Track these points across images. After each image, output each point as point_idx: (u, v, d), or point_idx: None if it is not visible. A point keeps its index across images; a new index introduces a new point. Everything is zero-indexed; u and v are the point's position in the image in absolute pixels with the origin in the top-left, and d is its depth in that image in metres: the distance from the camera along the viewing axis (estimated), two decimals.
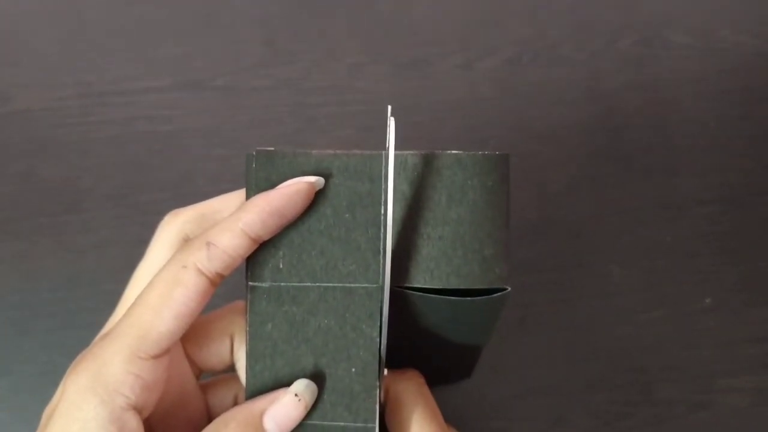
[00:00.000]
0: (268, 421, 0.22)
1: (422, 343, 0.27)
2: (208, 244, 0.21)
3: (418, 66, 0.40)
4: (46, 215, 0.35)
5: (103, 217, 0.35)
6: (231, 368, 0.27)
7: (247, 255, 0.22)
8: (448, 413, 0.33)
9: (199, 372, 0.26)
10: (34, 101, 0.38)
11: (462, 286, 0.23)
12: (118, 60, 0.39)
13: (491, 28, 0.41)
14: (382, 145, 0.34)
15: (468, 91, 0.39)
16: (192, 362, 0.25)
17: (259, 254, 0.23)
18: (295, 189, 0.22)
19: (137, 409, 0.21)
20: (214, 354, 0.25)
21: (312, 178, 0.23)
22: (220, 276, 0.22)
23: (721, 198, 0.38)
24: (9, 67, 0.38)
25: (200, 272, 0.21)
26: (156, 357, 0.21)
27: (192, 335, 0.25)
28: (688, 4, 0.42)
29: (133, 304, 0.21)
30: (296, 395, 0.22)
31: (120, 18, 0.40)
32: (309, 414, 0.23)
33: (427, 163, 0.24)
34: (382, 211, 0.23)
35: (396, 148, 0.24)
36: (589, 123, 0.39)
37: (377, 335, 0.23)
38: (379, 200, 0.24)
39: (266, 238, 0.22)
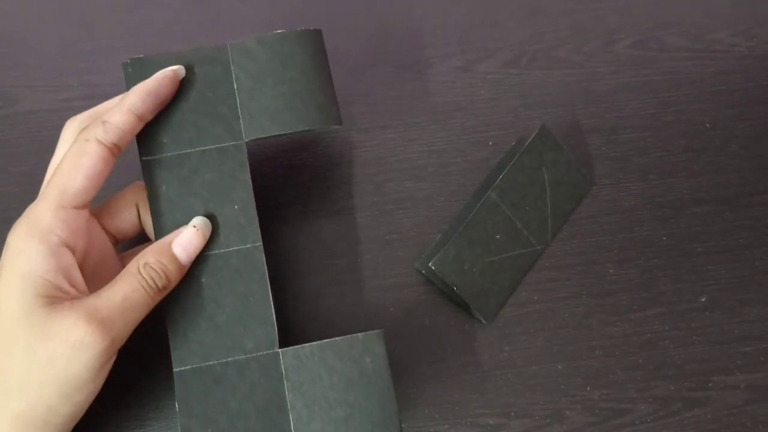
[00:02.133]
0: (176, 247, 0.28)
1: None
2: (103, 122, 0.27)
3: (417, 68, 0.40)
4: None
5: None
6: (141, 233, 0.32)
7: (135, 130, 0.28)
8: (447, 409, 0.34)
9: (116, 241, 0.31)
10: (38, 102, 0.38)
11: (306, 127, 0.30)
12: (122, 61, 0.39)
13: (490, 31, 0.41)
14: (383, 147, 0.34)
15: (467, 93, 0.40)
16: (108, 233, 0.30)
17: (146, 135, 0.30)
18: (163, 74, 0.29)
19: (69, 248, 0.26)
20: (124, 220, 0.31)
21: (174, 67, 0.30)
22: (117, 147, 0.27)
23: (716, 198, 0.38)
24: (14, 68, 0.39)
25: (99, 143, 0.27)
26: (76, 208, 0.27)
27: (105, 210, 0.31)
28: (683, 7, 0.43)
29: (53, 175, 0.27)
30: (195, 226, 0.29)
31: (124, 20, 0.40)
32: (209, 247, 0.29)
33: (262, 44, 0.31)
34: (235, 86, 0.31)
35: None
36: (586, 124, 0.39)
37: (249, 178, 0.30)
38: (230, 78, 0.31)
39: (148, 116, 0.29)
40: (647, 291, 0.36)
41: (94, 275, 0.28)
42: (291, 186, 0.37)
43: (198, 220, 0.29)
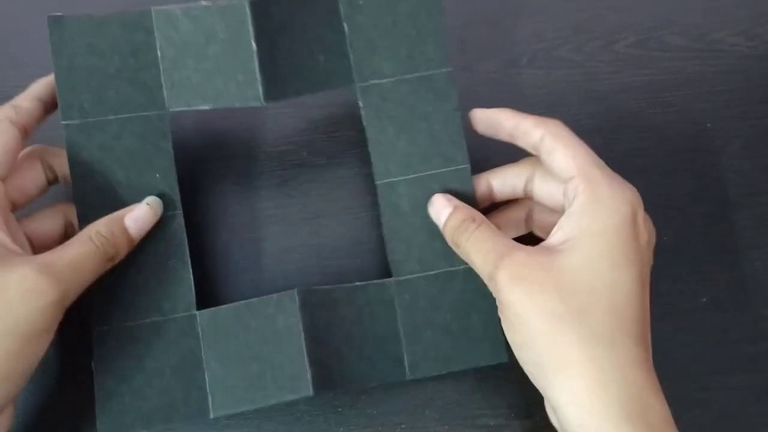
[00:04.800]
0: (128, 221, 0.29)
1: None
2: (13, 105, 0.30)
3: None
4: None
5: None
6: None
7: (40, 118, 0.31)
8: (447, 410, 0.33)
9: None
10: None
11: (226, 104, 0.31)
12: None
13: (490, 31, 0.41)
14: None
15: (468, 93, 0.39)
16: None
17: (66, 99, 0.31)
18: None
19: None
20: (44, 226, 0.31)
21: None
22: (25, 128, 0.30)
23: (717, 198, 0.38)
24: (13, 68, 0.39)
25: (11, 123, 0.29)
26: None
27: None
28: (684, 7, 0.43)
29: None
30: (147, 204, 0.30)
31: None
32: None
33: (188, 15, 0.31)
34: (159, 55, 0.31)
35: None
36: (586, 124, 0.39)
37: (171, 147, 0.31)
38: (154, 46, 0.31)
39: (51, 104, 0.31)
40: None
41: None
42: (290, 186, 0.37)
43: (151, 199, 0.31)
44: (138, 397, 0.29)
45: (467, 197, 0.32)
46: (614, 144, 0.39)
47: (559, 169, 0.30)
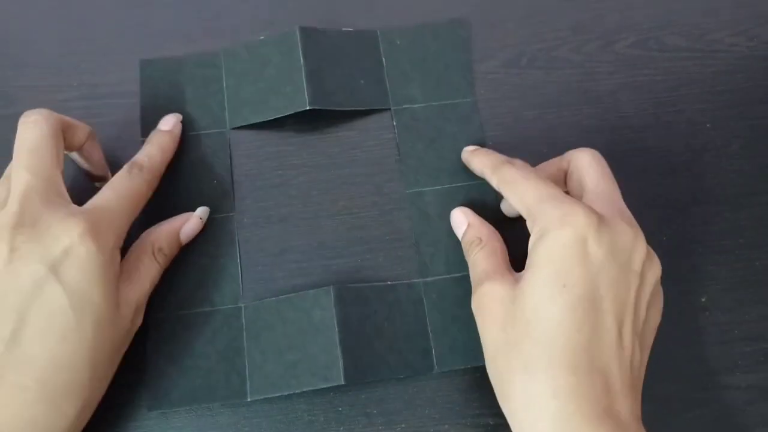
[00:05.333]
0: (182, 235, 0.34)
1: None
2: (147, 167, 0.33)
3: None
4: None
5: None
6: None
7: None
8: (447, 409, 0.33)
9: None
10: (38, 103, 0.37)
11: (278, 114, 0.37)
12: (122, 62, 0.39)
13: (490, 31, 0.41)
14: (383, 147, 0.33)
15: None
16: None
17: (147, 119, 0.37)
18: (172, 127, 0.36)
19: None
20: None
21: (178, 122, 0.36)
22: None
23: (716, 198, 0.38)
24: (14, 68, 0.39)
25: (148, 188, 0.33)
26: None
27: None
28: (683, 7, 0.43)
29: (107, 206, 0.30)
30: (200, 218, 0.34)
31: (124, 20, 0.41)
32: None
33: (247, 49, 0.39)
34: (224, 85, 0.38)
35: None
36: (585, 124, 0.39)
37: (229, 158, 0.37)
38: (221, 78, 0.38)
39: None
40: None
41: None
42: (291, 186, 0.37)
43: (202, 210, 0.35)
44: (184, 377, 0.32)
45: (489, 208, 0.36)
46: (614, 144, 0.39)
47: (518, 211, 0.31)
